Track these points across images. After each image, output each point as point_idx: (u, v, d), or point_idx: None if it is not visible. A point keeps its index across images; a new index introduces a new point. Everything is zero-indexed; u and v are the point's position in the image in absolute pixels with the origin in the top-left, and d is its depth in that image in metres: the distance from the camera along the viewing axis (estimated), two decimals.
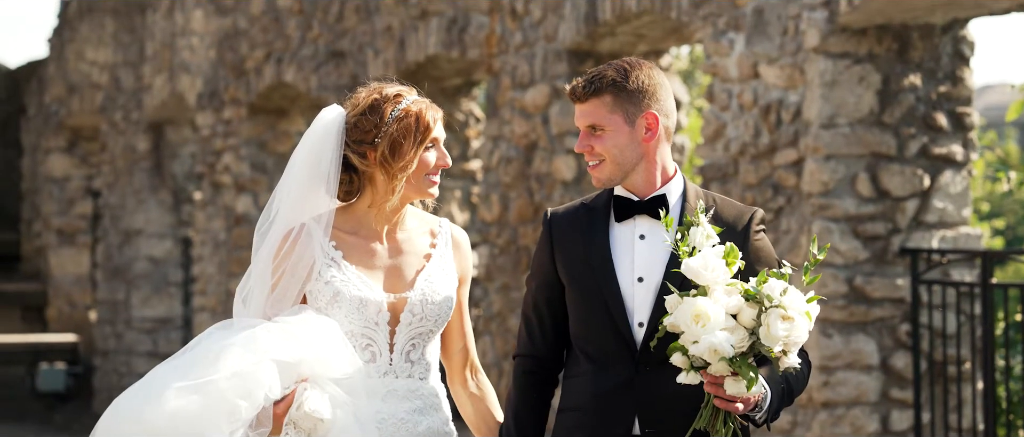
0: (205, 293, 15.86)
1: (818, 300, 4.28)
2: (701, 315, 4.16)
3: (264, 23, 14.69)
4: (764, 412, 4.35)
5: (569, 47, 10.67)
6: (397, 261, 4.63)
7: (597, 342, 4.52)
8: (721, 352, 4.14)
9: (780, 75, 8.91)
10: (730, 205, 4.60)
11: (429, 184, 4.61)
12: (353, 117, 4.56)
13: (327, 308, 4.53)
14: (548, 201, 10.86)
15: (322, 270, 4.54)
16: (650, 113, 4.50)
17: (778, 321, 4.15)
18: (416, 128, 4.52)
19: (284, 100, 14.99)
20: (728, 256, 4.27)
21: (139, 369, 17.69)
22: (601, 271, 4.51)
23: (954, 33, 8.88)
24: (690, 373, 4.21)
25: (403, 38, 12.47)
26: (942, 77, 8.86)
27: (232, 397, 4.24)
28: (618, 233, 4.55)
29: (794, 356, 4.22)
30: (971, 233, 8.95)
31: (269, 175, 15.27)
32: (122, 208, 17.98)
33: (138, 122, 17.73)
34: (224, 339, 4.36)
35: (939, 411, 8.72)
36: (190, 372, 4.27)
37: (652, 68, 4.55)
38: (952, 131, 8.90)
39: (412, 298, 4.58)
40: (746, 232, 4.53)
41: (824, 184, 8.63)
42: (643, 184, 4.54)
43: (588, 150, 4.52)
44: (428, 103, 4.61)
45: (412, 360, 4.61)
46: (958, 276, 8.82)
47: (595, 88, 4.49)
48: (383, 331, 4.57)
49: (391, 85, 4.62)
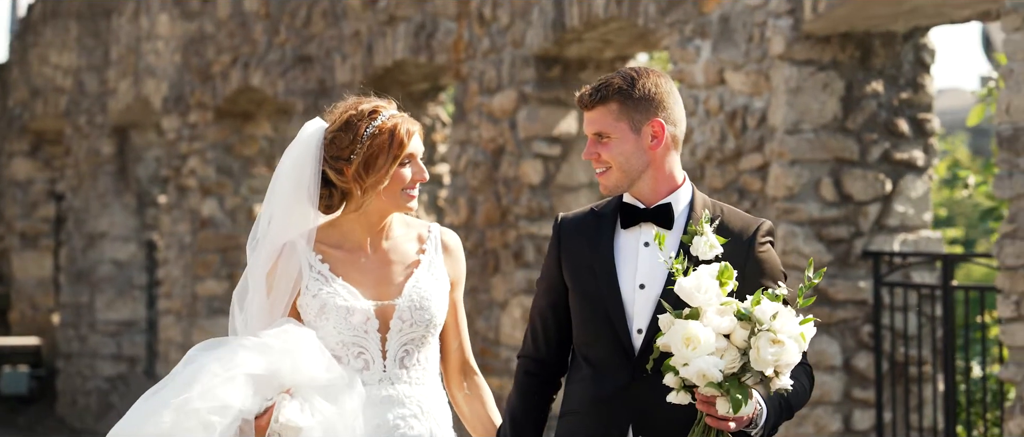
0: (170, 296, 15.93)
1: (813, 323, 4.29)
2: (691, 338, 4.18)
3: (230, 28, 14.78)
4: (760, 429, 4.36)
5: (536, 53, 10.81)
6: (384, 270, 4.68)
7: (597, 347, 4.55)
8: (709, 377, 4.16)
9: (746, 81, 9.08)
10: (737, 216, 4.61)
11: (406, 198, 4.66)
12: (330, 133, 4.63)
13: (316, 320, 4.61)
14: (515, 205, 11.00)
15: (309, 284, 4.61)
16: (656, 121, 4.52)
17: (768, 345, 4.17)
18: (390, 144, 4.58)
19: (250, 104, 15.08)
20: (722, 276, 4.28)
21: (103, 372, 17.76)
22: (603, 277, 4.54)
23: (915, 41, 9.07)
24: (681, 392, 4.25)
25: (371, 43, 12.58)
26: (903, 84, 9.05)
27: (206, 414, 4.32)
28: (623, 240, 4.58)
29: (786, 378, 4.24)
30: (931, 236, 9.14)
31: (235, 179, 15.37)
32: (86, 211, 18.03)
33: (102, 126, 17.78)
34: (204, 358, 4.46)
35: (900, 411, 8.89)
36: (171, 393, 4.38)
37: (660, 76, 4.57)
38: (913, 137, 9.09)
39: (400, 304, 4.63)
40: (751, 243, 4.54)
41: (789, 188, 8.80)
42: (650, 192, 4.57)
43: (595, 157, 4.55)
44: (404, 117, 4.66)
45: (406, 366, 4.65)
46: (919, 278, 9.00)
47: (602, 96, 4.52)
48: (374, 339, 4.62)
49: (368, 100, 4.69)
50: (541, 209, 10.94)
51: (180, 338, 15.65)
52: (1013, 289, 7.48)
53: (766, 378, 4.21)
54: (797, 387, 4.44)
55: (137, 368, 17.72)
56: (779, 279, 4.52)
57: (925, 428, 8.86)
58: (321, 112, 13.85)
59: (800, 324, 4.23)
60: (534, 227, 10.90)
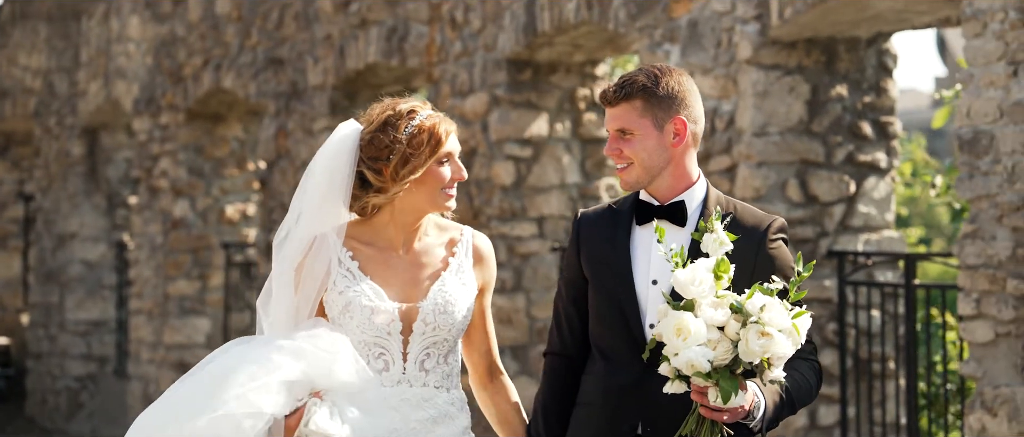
0: (141, 296, 16.05)
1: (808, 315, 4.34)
2: (683, 329, 4.24)
3: (202, 30, 14.92)
4: (758, 421, 4.40)
5: (508, 56, 10.99)
6: (413, 272, 4.67)
7: (610, 341, 4.60)
8: (697, 367, 4.22)
9: (714, 85, 9.30)
10: (750, 213, 4.65)
11: (445, 197, 4.66)
12: (367, 134, 4.62)
13: (340, 317, 4.61)
14: (487, 206, 11.19)
15: (336, 280, 4.60)
16: (679, 118, 4.56)
17: (756, 337, 4.21)
18: (428, 142, 4.59)
19: (222, 106, 15.22)
20: (718, 268, 4.32)
21: (73, 371, 17.86)
22: (618, 272, 4.59)
23: (878, 46, 9.31)
24: (676, 382, 4.29)
25: (343, 46, 12.73)
26: (867, 88, 9.30)
27: (239, 416, 4.34)
28: (639, 236, 4.62)
29: (779, 370, 4.27)
30: (894, 236, 9.39)
31: (206, 179, 15.51)
32: (56, 212, 18.13)
33: (72, 127, 17.88)
34: (240, 357, 4.48)
35: (864, 406, 9.12)
36: (204, 392, 4.40)
37: (682, 75, 4.61)
38: (876, 139, 9.33)
39: (424, 307, 4.62)
40: (762, 240, 4.58)
41: (756, 189, 9.03)
42: (666, 189, 4.61)
43: (617, 154, 4.59)
44: (441, 117, 4.66)
45: (426, 369, 4.65)
46: (882, 277, 9.24)
47: (626, 93, 4.56)
48: (396, 340, 4.62)
49: (404, 101, 4.67)
50: (513, 210, 11.13)
51: (151, 338, 15.78)
52: (974, 287, 7.71)
53: (758, 369, 4.25)
54: (800, 382, 4.53)
55: (107, 368, 17.82)
56: (790, 275, 4.55)
57: (888, 423, 9.09)
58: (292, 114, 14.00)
59: (794, 317, 4.27)
60: (506, 227, 11.09)
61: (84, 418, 17.78)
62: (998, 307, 7.58)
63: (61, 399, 18.00)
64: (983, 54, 7.64)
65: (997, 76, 7.58)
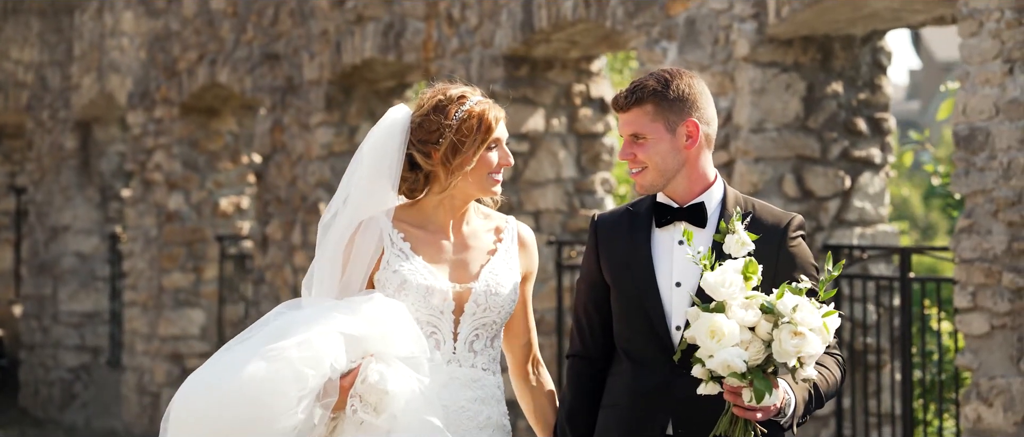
0: (136, 288, 16.15)
1: (837, 315, 4.38)
2: (716, 331, 4.28)
3: (197, 25, 15.03)
4: (789, 417, 4.46)
5: (505, 53, 11.11)
6: (463, 255, 4.75)
7: (636, 343, 4.65)
8: (733, 367, 4.27)
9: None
10: (768, 211, 4.69)
11: (492, 183, 4.75)
12: (418, 117, 4.71)
13: (395, 296, 4.65)
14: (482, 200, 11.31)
15: (391, 259, 4.67)
16: (691, 121, 4.60)
17: (789, 337, 4.26)
18: (478, 128, 4.68)
19: (216, 100, 15.33)
20: (746, 270, 4.36)
21: (66, 362, 17.96)
22: (641, 275, 4.63)
23: (873, 44, 9.49)
24: (710, 383, 4.35)
25: (339, 42, 12.85)
26: (862, 85, 9.47)
27: (300, 365, 4.37)
28: (659, 238, 4.66)
29: (810, 368, 4.32)
30: (888, 230, 9.57)
31: (201, 173, 15.62)
32: (49, 205, 18.22)
33: (66, 120, 17.98)
34: (295, 317, 4.51)
35: (859, 396, 9.31)
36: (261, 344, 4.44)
37: (693, 77, 4.66)
38: (871, 135, 9.51)
39: (476, 289, 4.70)
40: (782, 238, 4.61)
41: (753, 185, 9.19)
42: (683, 191, 4.65)
43: (631, 158, 4.63)
44: (491, 104, 4.76)
45: (475, 350, 4.73)
46: (876, 270, 9.41)
47: (637, 98, 4.62)
48: (448, 320, 4.70)
49: (455, 86, 4.76)
50: (509, 204, 11.27)
51: (145, 329, 15.90)
52: (969, 280, 7.89)
53: (790, 368, 4.30)
54: (827, 377, 4.59)
55: (100, 358, 17.94)
56: (811, 272, 4.60)
57: (883, 413, 9.26)
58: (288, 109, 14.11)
59: (823, 316, 4.32)
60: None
61: (77, 409, 17.90)
62: (994, 300, 7.76)
63: (54, 390, 18.11)
64: (979, 52, 7.81)
65: (993, 74, 7.75)
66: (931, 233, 35.96)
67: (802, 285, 4.38)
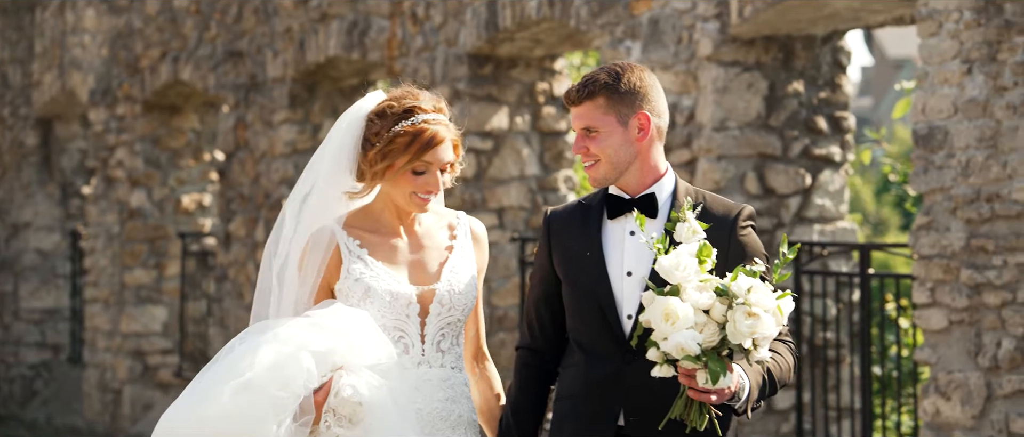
0: (97, 285, 16.17)
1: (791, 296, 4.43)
2: (671, 314, 4.30)
3: (160, 23, 15.06)
4: (743, 402, 4.49)
5: (470, 51, 11.20)
6: (419, 255, 4.76)
7: (589, 334, 4.68)
8: (687, 350, 4.29)
9: (675, 81, 9.57)
10: (719, 202, 4.73)
11: (416, 202, 4.71)
12: (371, 114, 4.71)
13: (360, 304, 4.66)
14: (449, 197, 11.39)
15: (351, 268, 4.66)
16: (642, 113, 4.63)
17: (743, 318, 4.29)
18: (408, 147, 4.64)
19: (179, 97, 15.36)
20: (701, 253, 4.39)
21: (27, 359, 17.96)
22: (592, 266, 4.66)
23: (833, 44, 9.63)
24: (664, 366, 4.36)
25: (303, 40, 12.90)
26: (822, 84, 9.61)
27: (274, 390, 4.37)
28: (610, 230, 4.69)
29: (764, 350, 4.36)
30: (847, 227, 9.71)
31: (163, 170, 15.65)
32: (10, 202, 18.22)
33: (26, 117, 17.98)
34: (258, 337, 4.51)
35: (819, 391, 9.43)
36: (232, 373, 4.41)
37: (643, 70, 4.70)
38: (831, 134, 9.65)
39: (440, 289, 4.72)
40: (732, 228, 4.66)
41: (716, 182, 9.31)
42: (635, 183, 4.68)
43: (584, 151, 4.65)
44: (439, 126, 4.68)
45: (442, 350, 4.74)
46: (835, 267, 9.54)
47: (589, 91, 4.64)
48: (414, 323, 4.70)
49: (418, 96, 4.71)
50: (474, 201, 11.37)
51: (107, 326, 15.93)
52: (928, 277, 8.03)
53: (744, 350, 4.33)
54: (781, 362, 4.64)
55: (61, 355, 17.96)
56: (762, 261, 4.63)
57: (843, 407, 9.39)
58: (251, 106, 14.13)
59: (777, 299, 4.38)
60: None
61: (38, 405, 17.90)
62: (952, 296, 7.91)
63: (15, 386, 18.10)
64: (938, 52, 7.96)
65: (951, 74, 7.90)
66: (882, 229, 36.23)
67: (756, 268, 4.44)
